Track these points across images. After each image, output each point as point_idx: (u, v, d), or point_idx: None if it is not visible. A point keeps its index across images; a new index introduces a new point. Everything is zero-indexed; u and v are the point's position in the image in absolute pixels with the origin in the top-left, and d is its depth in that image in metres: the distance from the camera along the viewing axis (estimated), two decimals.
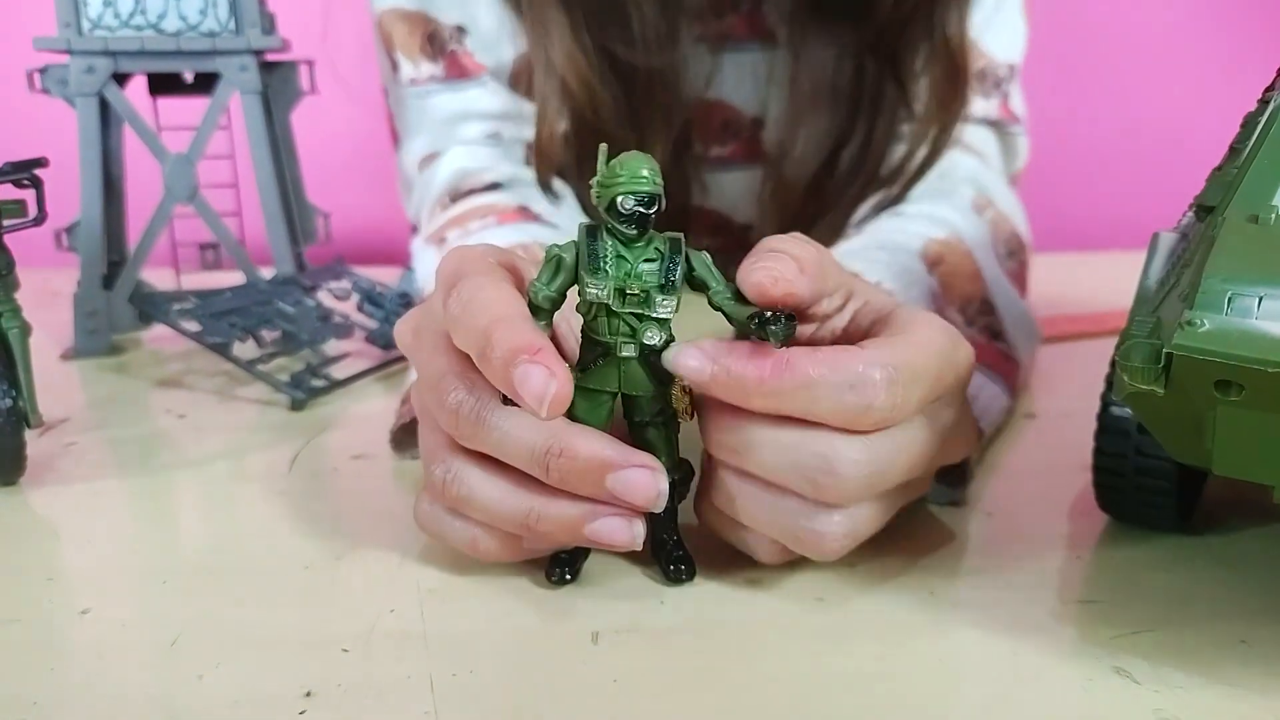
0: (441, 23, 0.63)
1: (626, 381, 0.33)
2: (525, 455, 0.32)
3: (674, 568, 0.35)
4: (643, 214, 0.31)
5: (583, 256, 0.32)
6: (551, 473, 0.32)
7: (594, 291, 0.32)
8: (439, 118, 0.64)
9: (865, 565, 0.36)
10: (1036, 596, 0.34)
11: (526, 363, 0.30)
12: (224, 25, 0.64)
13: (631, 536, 0.33)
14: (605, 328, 0.32)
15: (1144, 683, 0.29)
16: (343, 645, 0.32)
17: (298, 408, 0.54)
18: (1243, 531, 0.39)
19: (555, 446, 0.32)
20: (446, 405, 0.33)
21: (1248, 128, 0.34)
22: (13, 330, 0.43)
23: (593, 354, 0.33)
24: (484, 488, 0.34)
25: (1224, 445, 0.29)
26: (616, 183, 0.31)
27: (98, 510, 0.42)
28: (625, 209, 0.31)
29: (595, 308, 0.32)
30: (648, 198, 0.31)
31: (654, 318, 0.32)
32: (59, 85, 0.64)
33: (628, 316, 0.32)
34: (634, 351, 0.32)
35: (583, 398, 0.33)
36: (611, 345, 0.32)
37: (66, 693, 0.29)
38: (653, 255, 0.32)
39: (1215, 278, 0.27)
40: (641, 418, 0.34)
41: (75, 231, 0.65)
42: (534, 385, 0.30)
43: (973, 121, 0.64)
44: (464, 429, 0.33)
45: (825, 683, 0.30)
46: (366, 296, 0.66)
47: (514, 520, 0.33)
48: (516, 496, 0.33)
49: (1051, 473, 0.44)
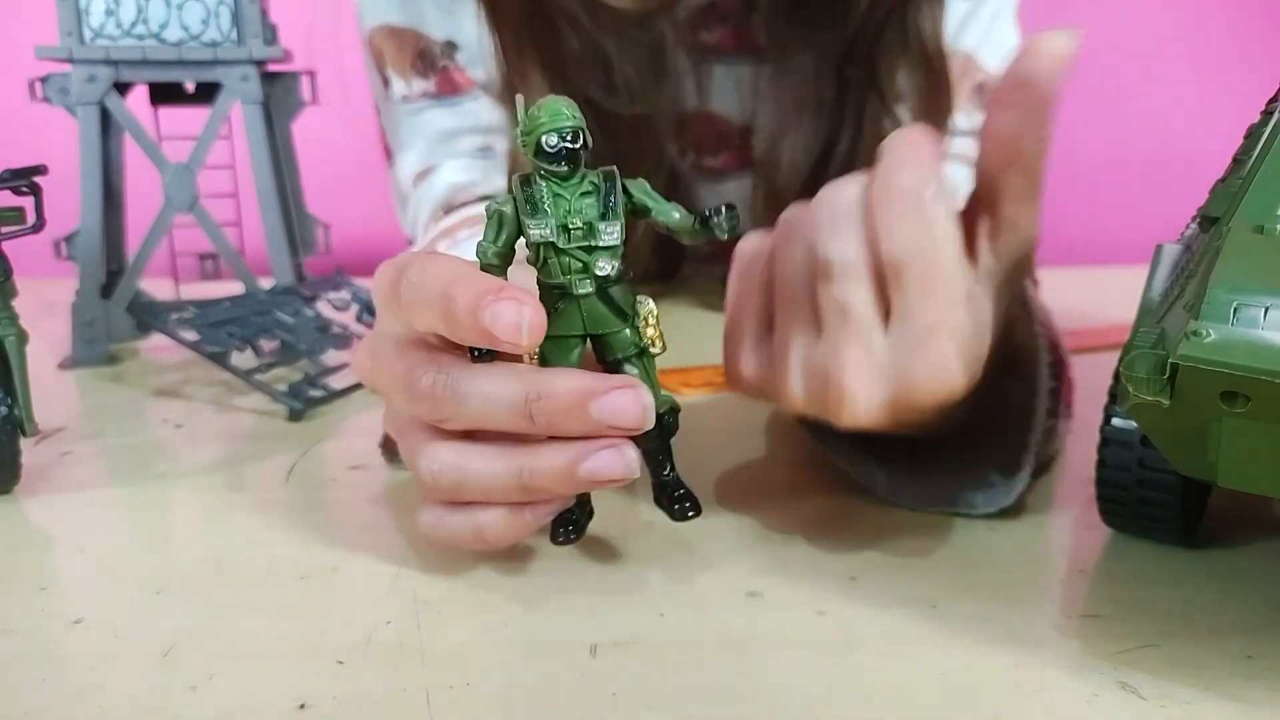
0: (431, 38, 0.64)
1: (590, 321, 0.33)
2: (507, 411, 0.32)
3: (678, 506, 0.35)
4: (570, 149, 0.32)
5: (521, 204, 0.32)
6: (536, 418, 0.32)
7: (537, 232, 0.32)
8: (432, 133, 0.64)
9: (867, 577, 0.36)
10: (1039, 610, 0.34)
11: (493, 302, 0.30)
12: (226, 35, 0.64)
13: (625, 465, 0.32)
14: (557, 269, 0.32)
15: (1149, 698, 0.29)
16: (338, 657, 0.31)
17: (295, 418, 0.54)
18: (1248, 545, 0.38)
19: (532, 392, 0.31)
20: (420, 392, 0.33)
21: (1251, 139, 0.34)
22: (9, 338, 0.43)
23: (551, 300, 0.33)
24: (472, 462, 0.33)
25: (1229, 457, 0.29)
26: (539, 125, 0.32)
27: (92, 519, 0.42)
28: (551, 146, 0.31)
29: (543, 250, 0.32)
30: (571, 132, 0.32)
31: (602, 247, 0.32)
32: (60, 94, 0.64)
33: (576, 252, 0.32)
34: (590, 287, 0.32)
35: (551, 346, 0.33)
36: (567, 285, 0.32)
37: (58, 703, 0.29)
38: (588, 189, 0.32)
39: (1221, 288, 0.27)
40: (613, 356, 0.34)
41: (74, 241, 0.65)
42: (507, 317, 0.30)
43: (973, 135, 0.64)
44: (444, 409, 0.33)
45: (826, 695, 0.29)
46: (366, 307, 0.66)
47: (508, 485, 0.33)
48: (505, 458, 0.33)
49: (1053, 486, 0.44)
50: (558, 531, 0.35)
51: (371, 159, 0.94)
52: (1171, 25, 1.10)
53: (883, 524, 0.41)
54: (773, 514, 0.41)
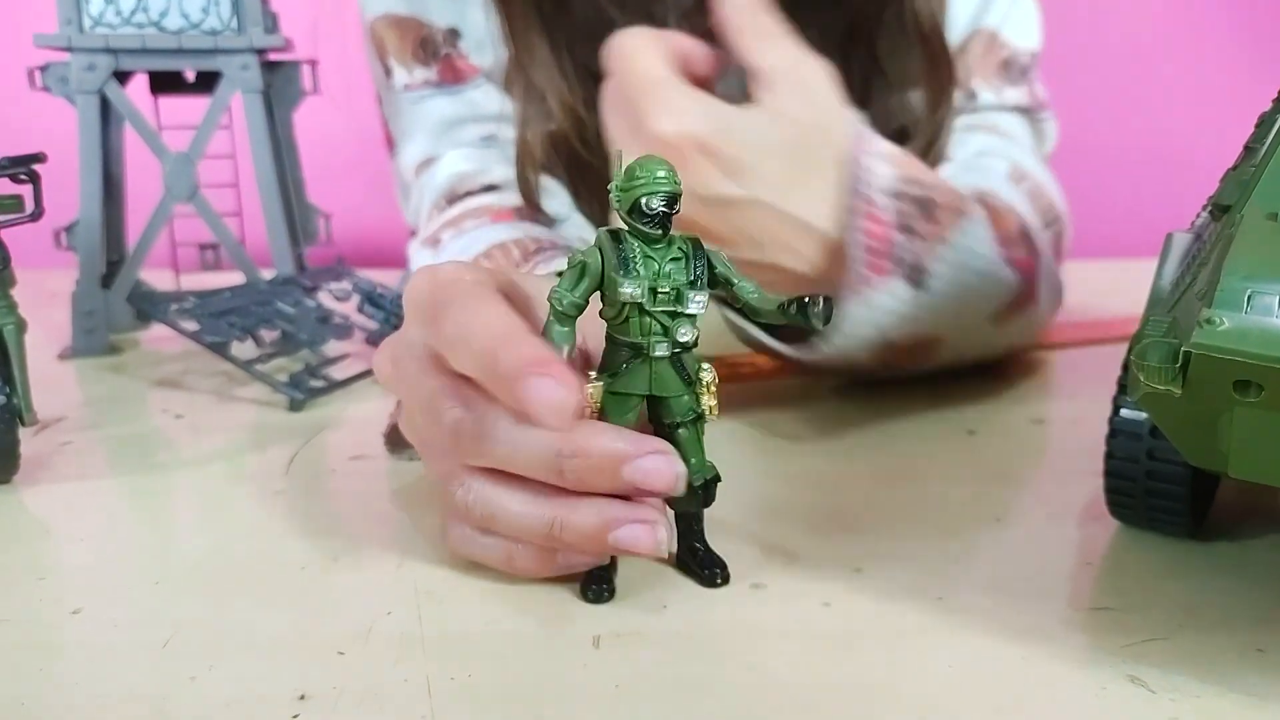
0: (434, 26, 0.63)
1: (657, 383, 0.33)
2: (537, 462, 0.32)
3: (708, 571, 0.35)
4: (665, 213, 0.31)
5: (610, 260, 0.32)
6: (567, 474, 0.31)
7: (628, 292, 0.31)
8: (434, 122, 0.64)
9: (872, 570, 0.36)
10: (1047, 603, 0.34)
11: (536, 375, 0.29)
12: (226, 24, 0.64)
13: (655, 542, 0.32)
14: (637, 329, 0.32)
15: (1159, 691, 0.29)
16: (339, 648, 0.31)
17: (296, 408, 0.54)
18: (1257, 538, 0.38)
19: (566, 448, 0.31)
20: (444, 425, 0.32)
21: (1263, 127, 0.34)
22: (8, 326, 0.43)
23: (621, 357, 0.33)
24: (506, 502, 0.33)
25: (1241, 448, 0.28)
26: (638, 185, 0.31)
27: (91, 509, 0.42)
28: (650, 209, 0.31)
29: (626, 309, 0.32)
30: (670, 197, 0.31)
31: (686, 314, 0.32)
32: (60, 83, 0.64)
33: (660, 315, 0.32)
34: (667, 351, 0.32)
35: (612, 402, 0.33)
36: (644, 345, 0.32)
37: (56, 693, 0.29)
38: (677, 254, 0.32)
39: (1235, 276, 0.26)
40: (671, 419, 0.33)
41: (74, 230, 0.65)
42: (547, 394, 0.29)
43: (1005, 110, 0.64)
44: (467, 446, 0.32)
45: (831, 689, 0.29)
46: (367, 298, 0.65)
47: (539, 532, 0.33)
48: (539, 506, 0.32)
49: (1060, 478, 0.44)
50: (589, 589, 0.34)
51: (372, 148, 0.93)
52: (1176, 18, 1.10)
53: (888, 516, 0.40)
54: (778, 506, 0.41)
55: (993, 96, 0.65)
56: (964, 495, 0.42)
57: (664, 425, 0.34)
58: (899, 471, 0.45)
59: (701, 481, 0.34)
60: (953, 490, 0.43)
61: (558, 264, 0.47)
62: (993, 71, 0.65)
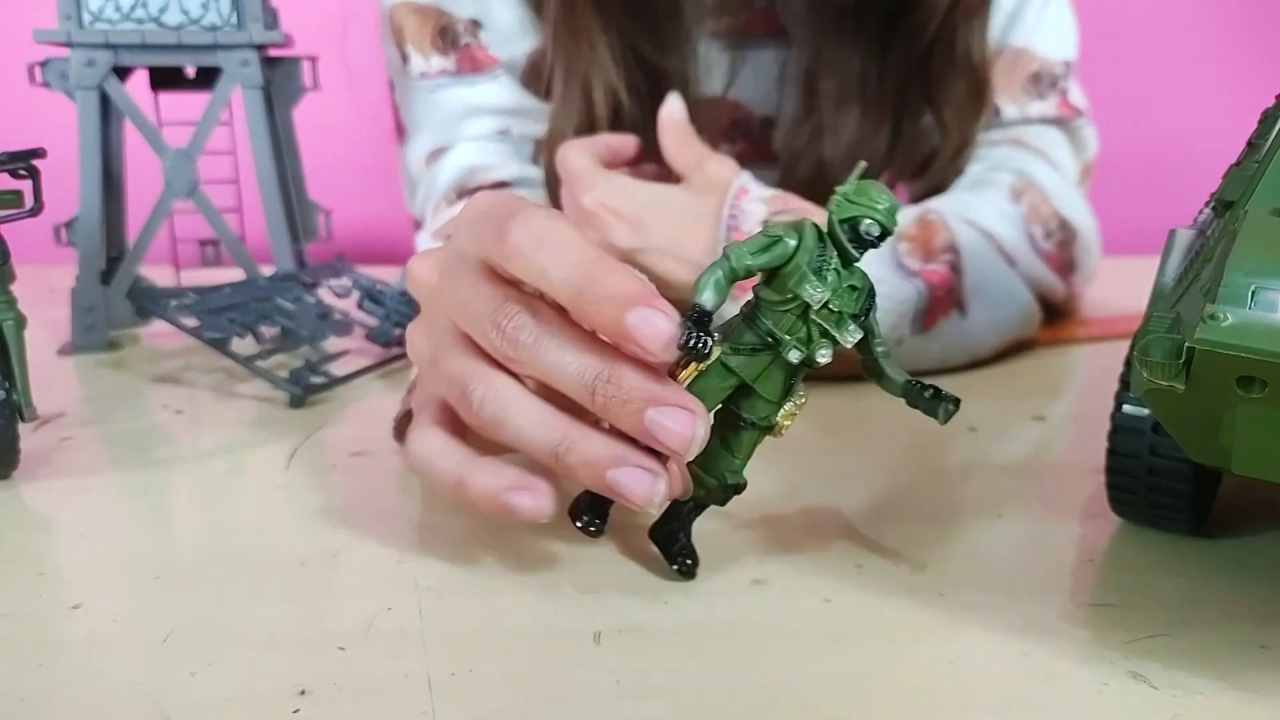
0: (455, 16, 0.63)
1: (764, 382, 0.33)
2: (575, 378, 0.32)
3: (681, 560, 0.35)
4: (873, 242, 0.31)
5: (809, 253, 0.31)
6: (597, 398, 0.31)
7: (811, 294, 0.31)
8: (448, 112, 0.64)
9: (873, 566, 0.36)
10: (1048, 599, 0.34)
11: (643, 306, 0.30)
12: (226, 19, 0.64)
13: (650, 493, 0.32)
14: (788, 325, 0.32)
15: (1161, 687, 0.29)
16: (339, 643, 0.31)
17: (296, 404, 0.54)
18: (1258, 535, 0.38)
19: (606, 372, 0.31)
20: (508, 326, 0.32)
21: (1266, 123, 0.34)
22: (7, 322, 0.43)
23: (753, 340, 0.32)
24: (524, 407, 0.33)
25: (1244, 444, 0.28)
26: (865, 205, 0.31)
27: (91, 505, 0.42)
28: (868, 234, 0.31)
29: (793, 304, 0.31)
30: (885, 232, 0.31)
31: (835, 339, 0.32)
32: (59, 79, 0.64)
33: (815, 328, 0.32)
34: (798, 359, 0.32)
35: (716, 374, 0.32)
36: (781, 345, 0.32)
37: (56, 688, 0.29)
38: (856, 284, 0.32)
39: (1238, 271, 0.26)
40: (748, 416, 0.33)
41: (74, 226, 0.65)
42: (656, 326, 0.30)
43: (1030, 123, 0.65)
44: (521, 352, 0.32)
45: (832, 684, 0.29)
46: (367, 294, 0.65)
47: (545, 446, 0.32)
48: (556, 421, 0.33)
49: (1061, 475, 0.44)
50: (580, 516, 0.34)
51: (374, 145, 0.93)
52: (1175, 18, 1.09)
53: (890, 513, 0.40)
54: (778, 502, 0.41)
55: (1016, 111, 0.65)
56: (965, 492, 0.42)
57: (736, 417, 0.33)
58: (900, 468, 0.45)
59: (735, 483, 0.34)
60: (954, 487, 0.43)
61: None
62: (1018, 87, 0.66)
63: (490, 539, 0.37)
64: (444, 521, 0.39)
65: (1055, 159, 0.66)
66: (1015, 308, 0.59)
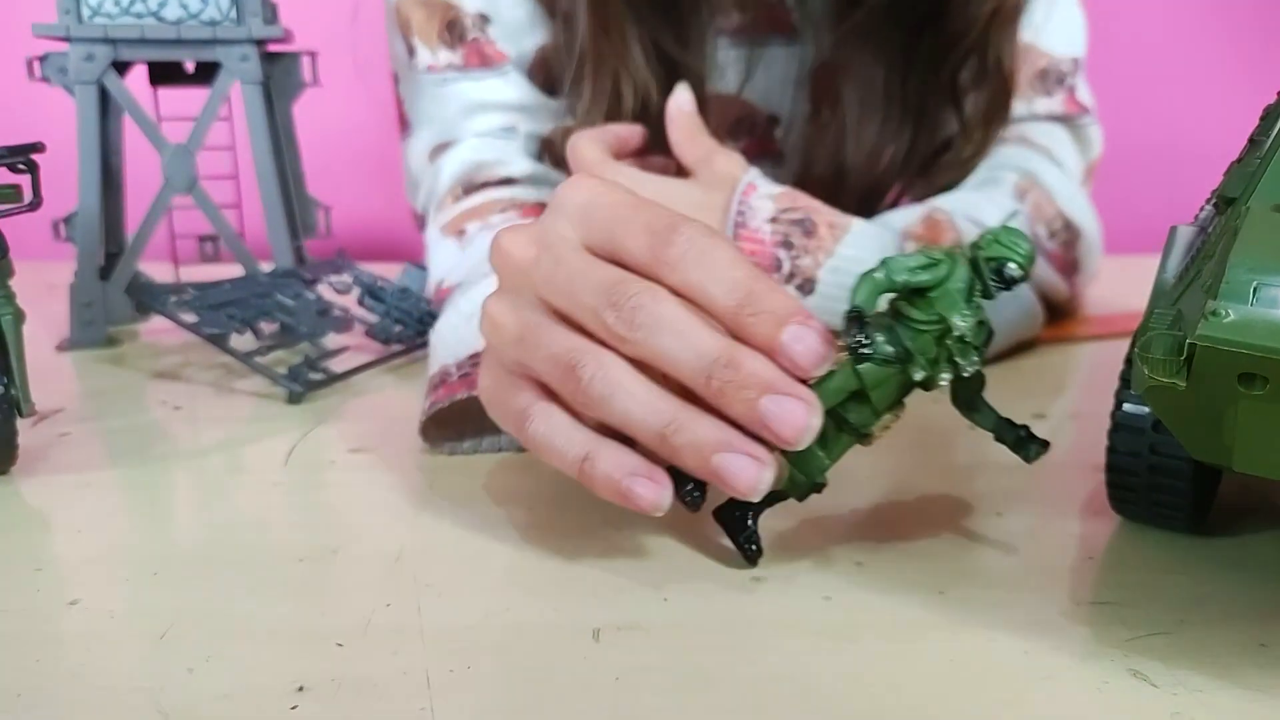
0: (463, 9, 0.63)
1: (882, 391, 0.33)
2: (694, 360, 0.32)
3: (747, 546, 0.35)
4: (1009, 287, 0.32)
5: (962, 282, 0.32)
6: (714, 382, 0.31)
7: (960, 321, 0.32)
8: (454, 107, 0.63)
9: (873, 563, 0.35)
10: (1049, 597, 0.34)
11: (799, 324, 0.31)
12: (225, 14, 0.63)
13: (755, 480, 0.32)
14: (923, 344, 0.32)
15: (1161, 685, 0.29)
16: (337, 639, 0.31)
17: (295, 401, 0.54)
18: (1258, 534, 0.38)
19: (725, 356, 0.31)
20: (626, 306, 0.32)
21: (1268, 119, 0.34)
22: (6, 317, 0.43)
23: (887, 351, 0.33)
24: (632, 386, 0.33)
25: (1246, 441, 0.28)
26: (1012, 250, 0.31)
27: (89, 500, 0.42)
28: (1011, 275, 0.31)
29: (936, 326, 0.32)
30: (1025, 276, 0.32)
31: (957, 366, 0.32)
32: (58, 73, 0.64)
33: (944, 353, 0.32)
34: (920, 377, 0.33)
35: (841, 374, 0.33)
36: (909, 361, 0.32)
37: (53, 684, 0.29)
38: (984, 319, 0.33)
39: (1240, 268, 0.26)
40: (850, 416, 0.34)
41: (73, 221, 0.65)
42: (810, 344, 0.31)
43: (1037, 119, 0.65)
44: (638, 332, 0.32)
45: (831, 682, 0.29)
46: (368, 290, 0.65)
47: (652, 427, 0.32)
48: (664, 402, 0.32)
49: (1061, 473, 0.44)
50: (687, 492, 0.34)
51: (375, 141, 0.93)
52: (1175, 17, 1.09)
53: (890, 510, 0.40)
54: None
55: (1024, 107, 0.65)
56: (965, 489, 0.42)
57: (841, 418, 0.34)
58: (900, 465, 0.45)
59: (819, 481, 0.35)
60: (954, 484, 0.43)
61: None
62: (1026, 83, 0.65)
63: (489, 536, 0.37)
64: (443, 518, 0.39)
65: (1060, 157, 0.66)
66: (1019, 309, 0.58)
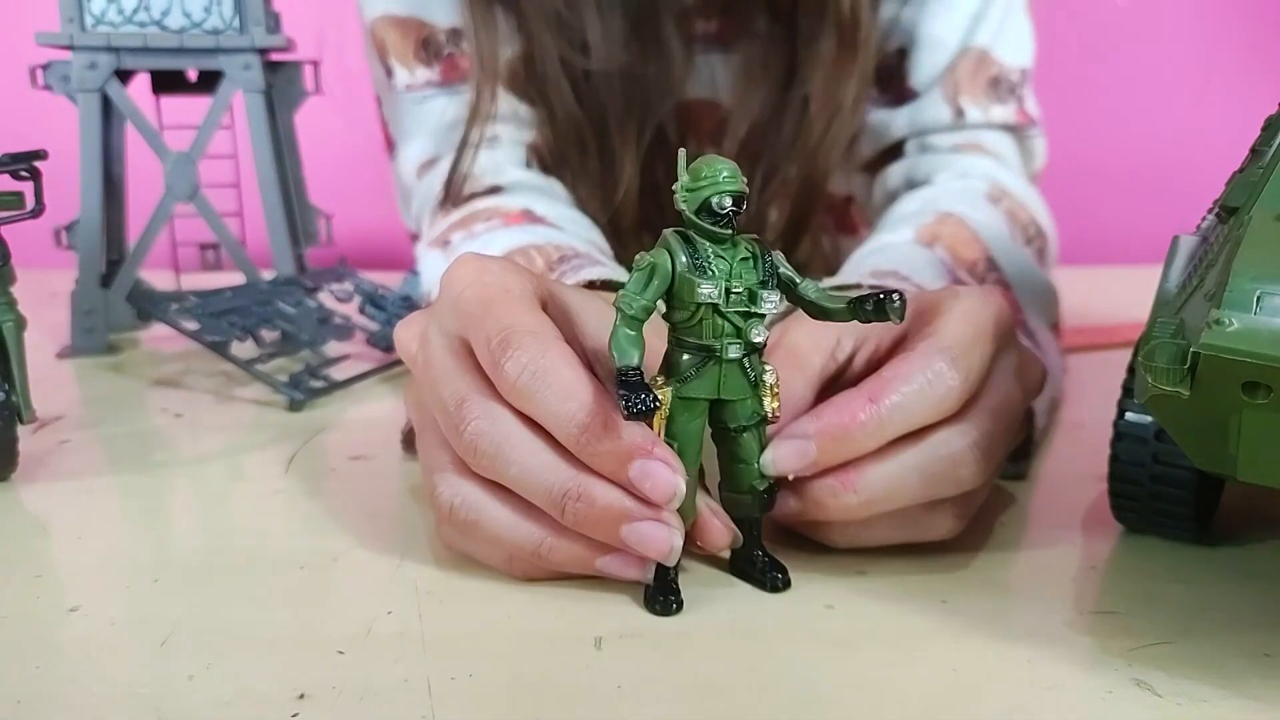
0: (435, 26, 0.63)
1: (725, 386, 0.33)
2: (543, 494, 0.32)
3: (770, 576, 0.34)
4: (734, 212, 0.31)
5: (682, 260, 0.31)
6: (567, 515, 0.32)
7: (706, 292, 0.31)
8: (437, 123, 0.64)
9: (876, 573, 0.35)
10: (1052, 606, 0.33)
11: (645, 459, 0.31)
12: (228, 23, 0.64)
13: (642, 573, 0.33)
14: (710, 330, 0.32)
15: (1165, 695, 0.28)
16: (338, 647, 0.31)
17: (296, 408, 0.54)
18: (1261, 542, 0.38)
19: (574, 490, 0.31)
20: (465, 434, 0.32)
21: (1270, 129, 0.34)
22: (7, 324, 0.43)
23: (690, 360, 0.32)
24: (494, 514, 0.33)
25: (1249, 450, 0.28)
26: (704, 185, 0.31)
27: (90, 507, 0.41)
28: (721, 208, 0.31)
29: (700, 311, 0.32)
30: (737, 195, 0.31)
31: (758, 314, 0.32)
32: (61, 82, 0.64)
33: (733, 316, 0.32)
34: (739, 352, 0.32)
35: (681, 408, 0.33)
36: (717, 348, 0.32)
37: (53, 691, 0.28)
38: (745, 254, 0.32)
39: (1243, 276, 0.26)
40: (736, 423, 0.33)
41: (74, 229, 0.65)
42: (661, 480, 0.31)
43: (991, 128, 0.65)
44: (482, 461, 0.32)
45: (834, 691, 0.29)
46: (369, 299, 0.65)
47: (524, 548, 0.33)
48: (528, 525, 0.33)
49: (1064, 483, 0.44)
50: (656, 601, 0.33)
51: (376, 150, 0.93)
52: (1178, 25, 1.10)
53: None
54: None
55: (980, 114, 0.65)
56: None
57: (727, 430, 0.33)
58: None
59: (765, 486, 0.34)
60: None
61: (586, 274, 0.47)
62: (981, 89, 0.65)
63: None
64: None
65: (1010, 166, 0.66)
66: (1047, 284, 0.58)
